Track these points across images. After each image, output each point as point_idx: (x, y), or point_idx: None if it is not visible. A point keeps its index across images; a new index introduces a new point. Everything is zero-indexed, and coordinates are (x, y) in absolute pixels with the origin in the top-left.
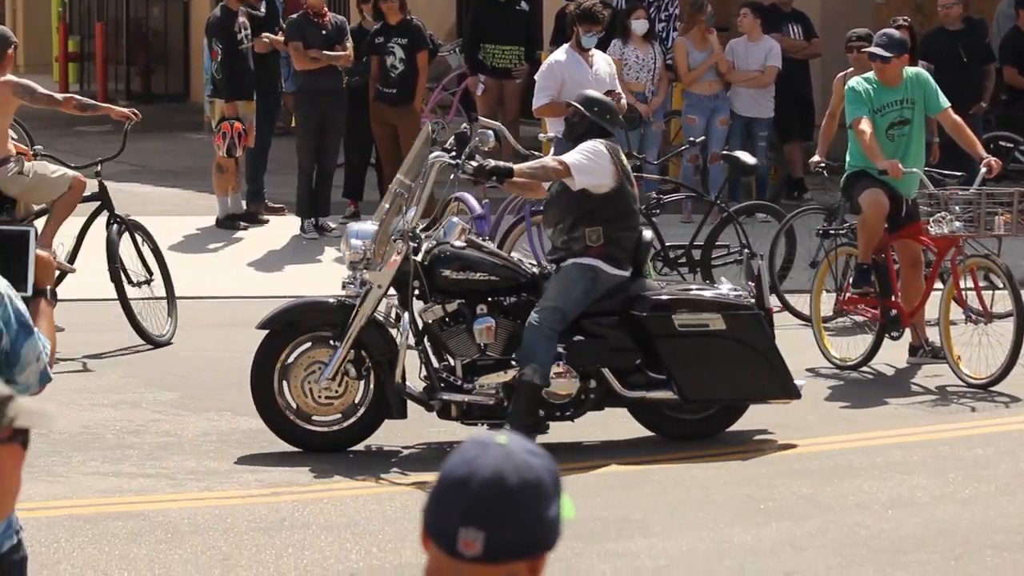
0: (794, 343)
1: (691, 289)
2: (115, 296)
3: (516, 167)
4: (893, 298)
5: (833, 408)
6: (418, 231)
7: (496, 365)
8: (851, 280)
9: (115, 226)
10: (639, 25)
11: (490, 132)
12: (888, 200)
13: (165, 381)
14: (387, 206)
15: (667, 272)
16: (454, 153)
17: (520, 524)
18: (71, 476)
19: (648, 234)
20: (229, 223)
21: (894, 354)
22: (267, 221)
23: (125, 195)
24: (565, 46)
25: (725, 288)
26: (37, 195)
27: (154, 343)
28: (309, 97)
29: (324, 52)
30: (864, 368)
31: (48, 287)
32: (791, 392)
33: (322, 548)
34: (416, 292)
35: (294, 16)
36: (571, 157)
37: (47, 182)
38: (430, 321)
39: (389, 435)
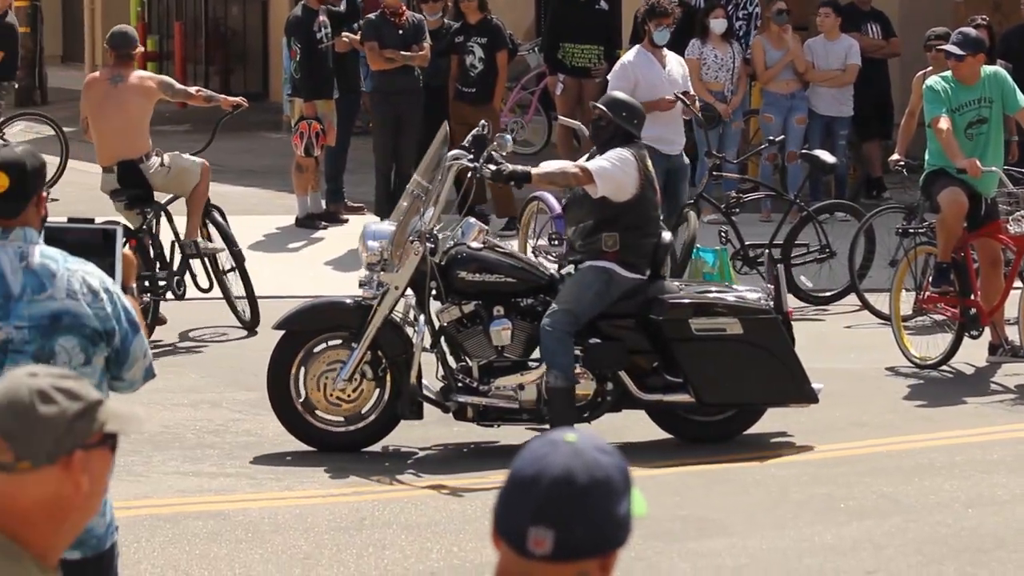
0: (873, 342)
1: (709, 292)
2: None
3: (534, 172)
4: (972, 297)
5: (912, 407)
6: (435, 232)
7: (513, 367)
8: (930, 279)
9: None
10: (718, 24)
11: (508, 136)
12: (967, 199)
13: (245, 381)
14: (405, 206)
15: (746, 271)
16: (472, 155)
17: (590, 522)
18: (151, 476)
19: (667, 236)
20: (309, 222)
21: (973, 353)
22: (347, 220)
23: None
24: (637, 47)
25: (744, 291)
26: (178, 185)
27: (244, 324)
28: (384, 96)
29: (400, 52)
30: (943, 367)
31: (132, 285)
32: (808, 396)
33: (403, 547)
34: (433, 293)
35: (371, 16)
36: (595, 163)
37: (186, 171)
38: (447, 322)
39: (467, 434)
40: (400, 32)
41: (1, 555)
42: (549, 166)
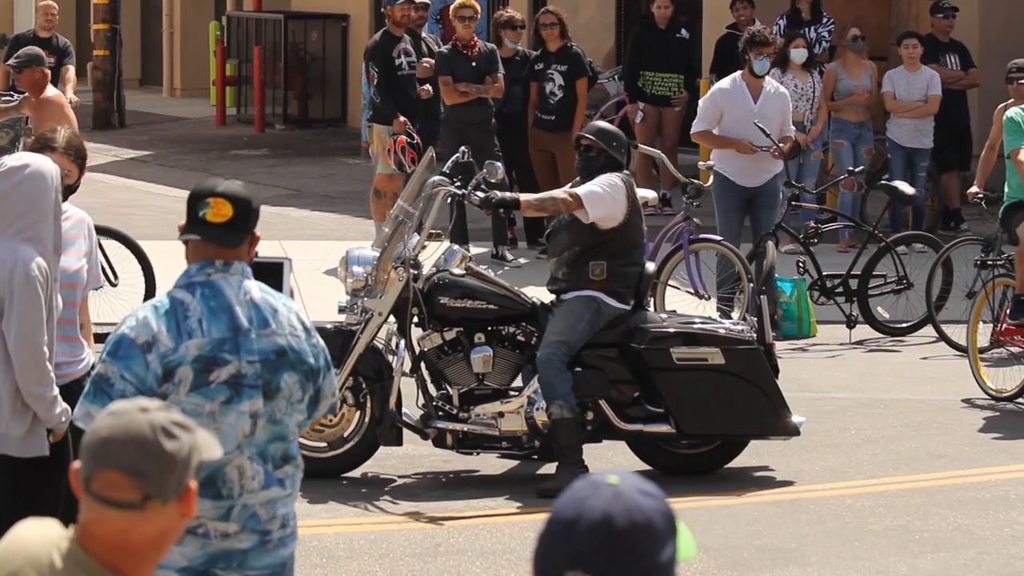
0: (950, 373)
1: (692, 323)
2: None
3: (523, 198)
4: None
5: (989, 439)
6: (419, 258)
7: (493, 395)
8: (1008, 311)
9: None
10: (798, 54)
11: (498, 164)
12: None
13: None
14: (389, 232)
15: (824, 301)
16: (459, 182)
17: (629, 568)
18: None
19: (651, 267)
20: None
21: None
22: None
23: (282, 219)
24: (736, 75)
25: (727, 322)
26: None
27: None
28: (455, 127)
29: (474, 85)
30: (1020, 399)
31: None
32: (789, 429)
33: (478, 574)
34: (415, 319)
35: (442, 49)
36: (584, 189)
37: None
38: (427, 349)
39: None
40: (473, 64)
41: None
42: (538, 194)
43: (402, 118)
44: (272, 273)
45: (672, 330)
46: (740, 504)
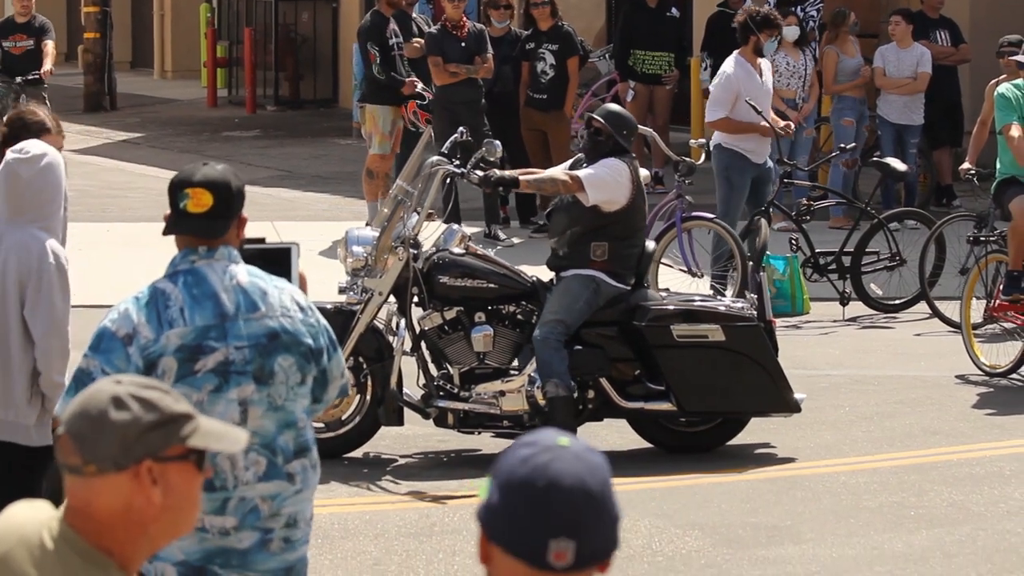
0: (943, 350)
1: (693, 300)
2: None
3: (523, 178)
4: None
5: (982, 415)
6: (419, 238)
7: (494, 373)
8: (1001, 287)
9: None
10: (790, 32)
11: (497, 143)
12: None
13: None
14: (388, 212)
15: (816, 279)
16: (458, 161)
17: (604, 527)
18: None
19: (651, 245)
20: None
21: None
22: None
23: (274, 200)
24: (735, 56)
25: (728, 300)
26: None
27: None
28: (445, 107)
29: (464, 66)
30: (1013, 375)
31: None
32: (791, 406)
33: (472, 554)
34: (415, 299)
35: (432, 30)
36: (587, 172)
37: None
38: (428, 328)
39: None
40: (463, 44)
41: (88, 562)
42: (538, 172)
43: (413, 78)
44: (280, 259)
45: (672, 307)
46: (735, 482)
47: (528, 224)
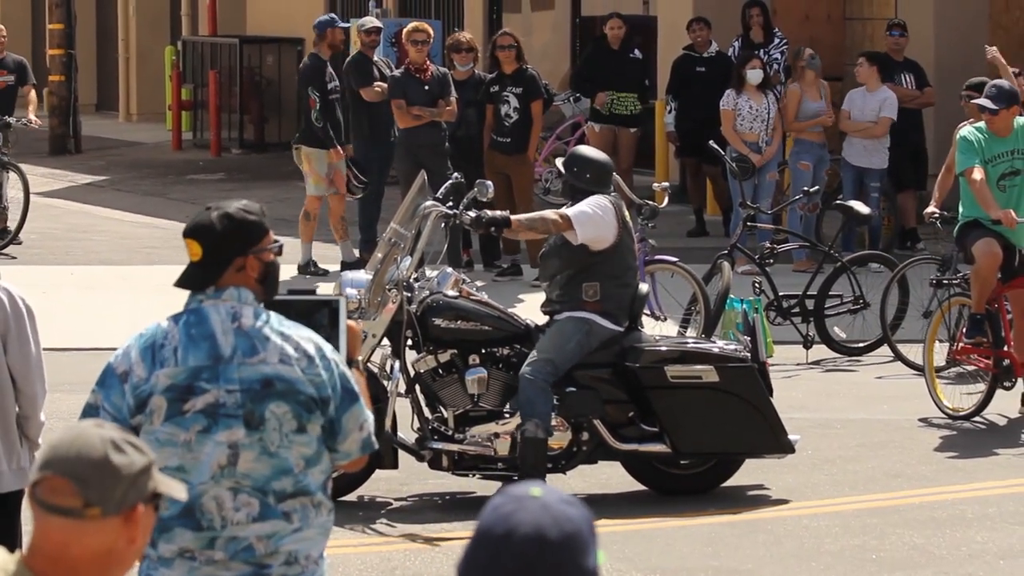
0: (906, 393)
1: (686, 342)
2: None
3: (514, 218)
4: (1006, 348)
5: (945, 458)
6: (412, 280)
7: (488, 416)
8: (964, 330)
9: None
10: (754, 75)
11: (488, 183)
12: (1001, 250)
13: None
14: (381, 255)
15: (780, 322)
16: (451, 203)
17: None
18: None
19: (644, 287)
20: (307, 270)
21: (1007, 404)
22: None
23: None
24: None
25: (721, 342)
26: None
27: None
28: (408, 150)
29: (427, 109)
30: (976, 418)
31: (359, 357)
32: (785, 447)
33: None
34: (409, 342)
35: (395, 73)
36: (575, 210)
37: None
38: (422, 371)
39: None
40: (426, 88)
41: None
42: (529, 213)
43: (338, 149)
44: (328, 311)
45: (666, 348)
46: (696, 525)
47: (491, 267)
